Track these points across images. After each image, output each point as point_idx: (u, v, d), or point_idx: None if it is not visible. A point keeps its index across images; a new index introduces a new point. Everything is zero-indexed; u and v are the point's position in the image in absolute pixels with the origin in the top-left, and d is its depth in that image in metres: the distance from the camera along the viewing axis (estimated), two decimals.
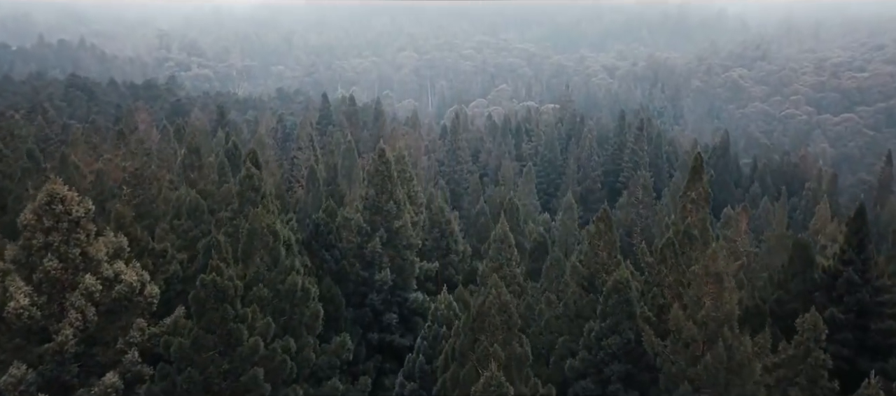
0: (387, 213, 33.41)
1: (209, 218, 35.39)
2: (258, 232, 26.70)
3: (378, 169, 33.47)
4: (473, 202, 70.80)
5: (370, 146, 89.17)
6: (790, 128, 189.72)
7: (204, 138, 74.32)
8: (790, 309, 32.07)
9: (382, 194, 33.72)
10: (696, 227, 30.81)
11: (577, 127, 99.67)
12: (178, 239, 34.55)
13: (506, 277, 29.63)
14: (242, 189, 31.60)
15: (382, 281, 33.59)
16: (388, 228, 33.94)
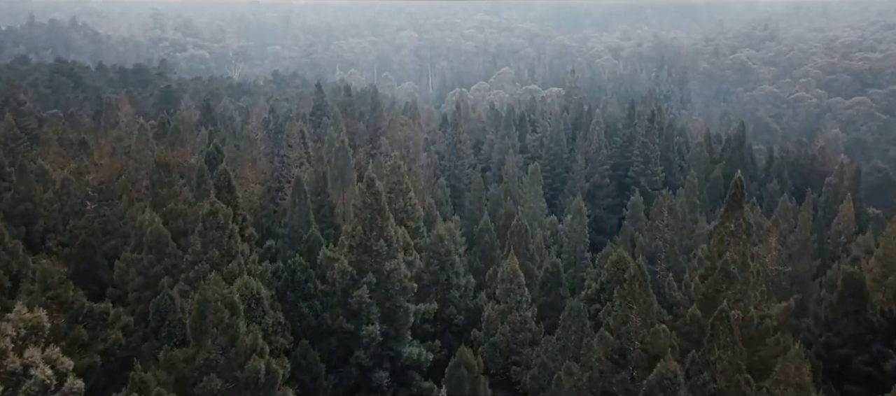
0: (376, 254, 28.93)
1: (174, 251, 31.12)
2: (211, 307, 22.28)
3: (366, 201, 29.01)
4: (475, 202, 66.53)
5: (366, 139, 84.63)
6: (800, 111, 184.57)
7: (189, 134, 69.86)
8: (842, 355, 27.99)
9: (371, 231, 29.12)
10: (736, 264, 26.53)
11: (585, 118, 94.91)
12: (138, 276, 30.39)
13: (515, 323, 25.49)
14: (206, 227, 27.26)
15: (370, 336, 29.15)
16: (378, 271, 29.45)
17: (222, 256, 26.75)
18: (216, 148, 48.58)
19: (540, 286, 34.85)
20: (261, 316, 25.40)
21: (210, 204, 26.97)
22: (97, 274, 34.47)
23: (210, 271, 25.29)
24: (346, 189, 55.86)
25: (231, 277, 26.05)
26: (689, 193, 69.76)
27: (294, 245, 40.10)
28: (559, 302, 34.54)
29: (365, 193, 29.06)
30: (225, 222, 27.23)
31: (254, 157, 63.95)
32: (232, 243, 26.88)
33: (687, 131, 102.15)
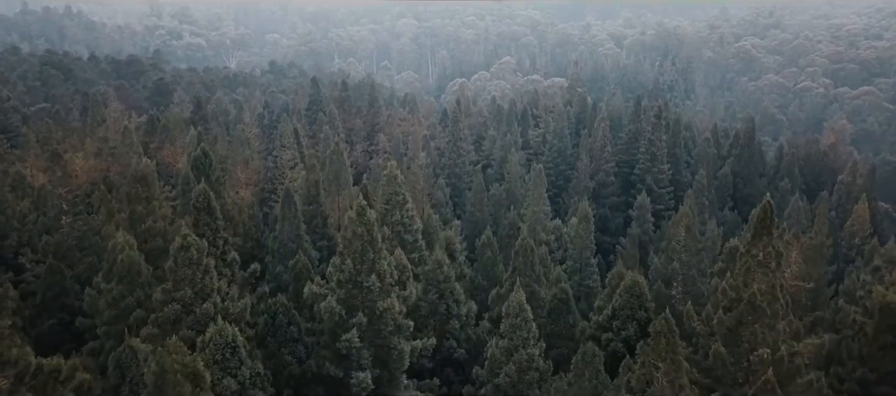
0: (368, 291, 26.19)
1: (148, 279, 28.56)
2: (170, 381, 19.49)
3: (356, 232, 26.32)
4: (476, 204, 64.03)
5: (363, 136, 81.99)
6: (806, 102, 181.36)
7: (179, 133, 67.23)
8: (880, 394, 25.56)
9: (362, 265, 26.28)
10: (764, 296, 24.04)
11: (589, 114, 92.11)
12: (107, 309, 27.89)
13: (521, 363, 23.09)
14: (177, 263, 24.65)
15: (361, 384, 26.40)
16: (370, 310, 26.72)
17: (195, 295, 24.21)
18: (204, 152, 45.94)
19: (548, 313, 32.44)
20: (236, 367, 22.90)
21: (182, 238, 24.37)
22: (67, 301, 31.99)
23: (181, 314, 22.76)
24: (341, 192, 53.38)
25: (205, 320, 23.55)
26: (697, 194, 67.25)
27: (284, 260, 37.65)
28: (568, 331, 32.14)
29: (355, 223, 26.40)
30: (199, 257, 24.66)
31: (246, 158, 61.35)
32: (207, 280, 24.33)
33: (693, 126, 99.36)
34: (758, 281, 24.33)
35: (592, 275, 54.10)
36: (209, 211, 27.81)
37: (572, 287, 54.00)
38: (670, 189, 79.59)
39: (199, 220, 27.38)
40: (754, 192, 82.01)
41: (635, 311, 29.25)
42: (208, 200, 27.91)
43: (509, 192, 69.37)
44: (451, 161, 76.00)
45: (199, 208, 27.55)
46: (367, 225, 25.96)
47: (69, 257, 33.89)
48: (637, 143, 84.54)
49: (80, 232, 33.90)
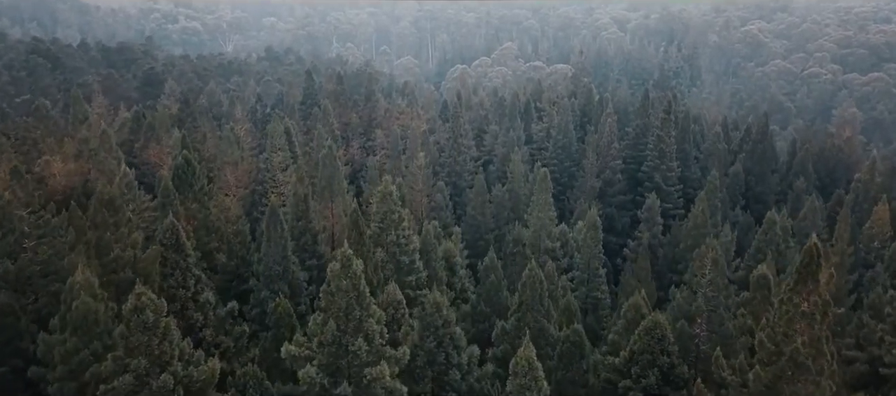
0: (354, 356, 22.86)
1: (108, 327, 25.39)
2: None
3: (340, 286, 23.00)
4: (478, 207, 60.94)
5: (360, 132, 78.67)
6: (814, 88, 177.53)
7: (165, 133, 63.94)
8: None
9: (347, 324, 22.79)
10: (809, 352, 21.04)
11: (595, 108, 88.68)
12: (60, 363, 24.88)
13: None
14: (130, 329, 21.38)
15: None
16: (356, 379, 23.35)
17: (152, 365, 21.10)
18: (186, 161, 42.75)
19: (558, 357, 29.47)
20: None
21: (136, 298, 21.12)
22: (21, 346, 28.85)
23: (135, 387, 19.75)
24: (334, 199, 50.27)
25: (162, 395, 20.60)
26: (710, 195, 64.06)
27: (269, 283, 34.68)
28: (581, 377, 29.21)
29: (339, 276, 23.11)
30: (156, 320, 21.52)
31: (235, 160, 58.16)
32: (165, 346, 21.25)
33: (702, 119, 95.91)
34: (801, 332, 21.35)
35: (601, 286, 51.27)
36: (178, 249, 24.81)
37: (579, 298, 51.22)
38: (679, 187, 76.45)
39: (168, 259, 24.40)
40: (767, 190, 78.91)
41: (657, 357, 26.35)
42: (176, 236, 24.90)
43: (512, 193, 66.24)
44: (451, 159, 72.77)
45: (168, 244, 24.55)
46: (352, 279, 22.77)
47: (32, 285, 30.81)
48: (644, 139, 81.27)
49: (45, 257, 30.86)
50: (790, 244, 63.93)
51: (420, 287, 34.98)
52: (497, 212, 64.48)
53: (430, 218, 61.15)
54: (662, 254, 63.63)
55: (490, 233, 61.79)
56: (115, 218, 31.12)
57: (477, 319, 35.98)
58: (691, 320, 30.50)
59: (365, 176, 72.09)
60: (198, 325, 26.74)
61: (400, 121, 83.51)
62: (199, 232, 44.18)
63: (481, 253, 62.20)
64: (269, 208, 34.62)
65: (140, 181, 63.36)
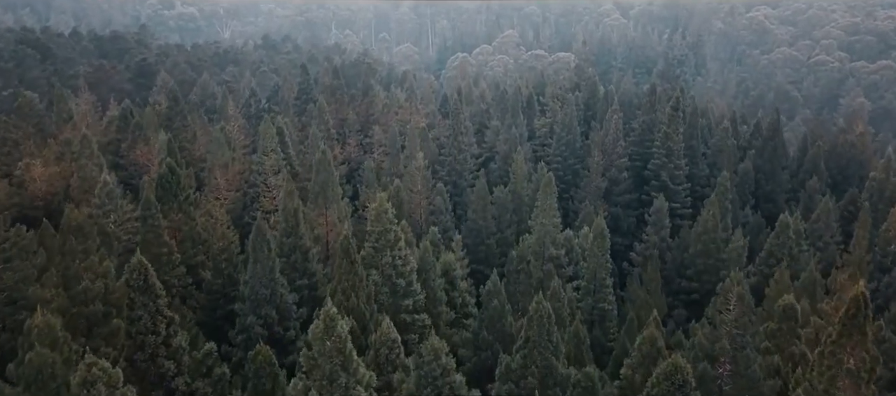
0: None
1: (65, 380, 22.67)
2: None
3: (323, 350, 20.28)
4: (479, 211, 58.56)
5: (356, 128, 76.05)
6: (821, 77, 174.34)
7: (154, 132, 61.39)
8: None
9: (332, 392, 20.05)
10: None
11: (600, 103, 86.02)
12: None
13: None
14: None
15: None
16: None
17: None
18: (170, 170, 40.31)
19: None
20: None
21: (86, 370, 18.63)
22: None
23: None
24: (329, 206, 47.92)
25: None
26: (720, 197, 61.61)
27: (256, 308, 32.42)
28: None
29: (321, 339, 20.60)
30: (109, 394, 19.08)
31: (225, 162, 55.69)
32: None
33: (710, 112, 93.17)
34: (844, 390, 19.05)
35: (608, 297, 49.02)
36: (146, 290, 22.52)
37: (585, 309, 49.01)
38: (687, 185, 73.99)
39: (136, 302, 22.12)
40: (777, 189, 76.45)
41: None
42: (145, 276, 22.59)
43: (514, 194, 63.84)
44: (451, 157, 70.23)
45: (135, 285, 22.24)
46: (337, 342, 20.33)
47: None
48: (651, 135, 78.63)
49: (11, 284, 28.56)
50: (803, 247, 61.67)
51: (418, 310, 32.75)
52: (499, 214, 62.14)
53: (430, 222, 58.84)
54: (671, 258, 61.34)
55: (492, 238, 59.51)
56: (85, 246, 28.66)
57: (479, 346, 33.79)
58: (714, 360, 28.25)
59: (362, 176, 69.73)
60: (169, 374, 24.54)
61: (398, 116, 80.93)
62: (184, 245, 41.89)
63: (482, 258, 60.20)
64: (256, 227, 32.29)
65: (127, 183, 61.16)
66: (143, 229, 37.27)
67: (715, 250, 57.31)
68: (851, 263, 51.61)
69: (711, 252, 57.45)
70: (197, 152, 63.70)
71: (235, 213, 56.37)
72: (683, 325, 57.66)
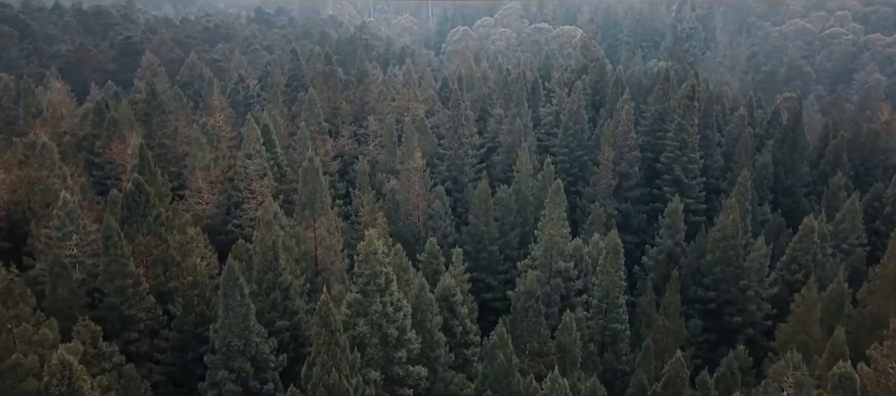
0: None
1: None
2: None
3: None
4: (481, 216, 54.41)
5: (350, 119, 71.47)
6: (835, 50, 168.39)
7: (129, 128, 56.89)
8: None
9: None
10: None
11: (608, 86, 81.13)
12: None
13: None
14: None
15: None
16: None
17: None
18: (138, 187, 36.06)
19: None
20: None
21: None
22: None
23: None
24: (317, 219, 43.79)
25: None
26: (740, 196, 57.33)
27: (228, 360, 28.52)
28: None
29: None
30: None
31: (207, 164, 51.37)
32: None
33: (724, 98, 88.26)
34: None
35: (621, 318, 45.17)
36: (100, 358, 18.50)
37: (596, 330, 45.24)
38: (701, 179, 69.68)
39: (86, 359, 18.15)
40: (797, 183, 72.05)
41: None
42: (69, 380, 18.62)
43: (519, 194, 59.65)
44: (451, 151, 65.78)
45: None
46: None
47: None
48: (663, 125, 74.03)
49: None
50: (827, 250, 57.66)
51: (412, 361, 28.92)
52: (502, 216, 57.97)
53: (428, 227, 54.78)
54: (685, 263, 57.31)
55: (494, 243, 55.46)
56: (16, 311, 24.58)
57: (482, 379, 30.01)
58: None
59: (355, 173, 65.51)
60: None
61: (396, 103, 76.32)
62: (155, 269, 37.87)
63: (484, 265, 56.26)
64: (227, 269, 28.20)
65: (103, 183, 56.97)
66: (104, 259, 33.24)
67: (734, 258, 53.25)
68: (883, 277, 47.67)
69: (731, 260, 53.37)
70: (179, 148, 59.31)
71: (218, 220, 52.36)
72: (699, 338, 54.13)
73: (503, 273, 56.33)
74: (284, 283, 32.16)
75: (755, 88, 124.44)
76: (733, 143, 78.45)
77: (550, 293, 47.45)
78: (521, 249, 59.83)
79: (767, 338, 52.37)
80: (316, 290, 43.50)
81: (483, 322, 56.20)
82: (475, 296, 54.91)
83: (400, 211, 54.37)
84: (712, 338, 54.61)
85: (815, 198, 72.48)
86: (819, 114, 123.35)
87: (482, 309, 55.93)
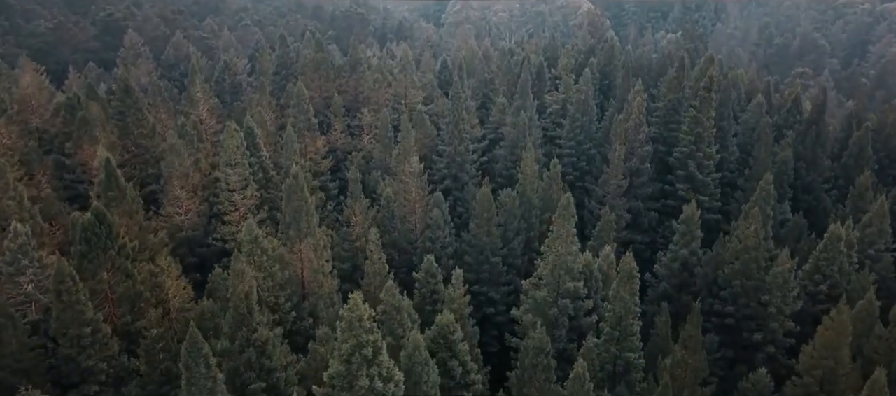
0: None
1: None
2: None
3: None
4: (483, 225, 50.40)
5: (343, 111, 66.87)
6: (850, 21, 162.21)
7: (101, 128, 52.51)
8: None
9: None
10: None
11: (620, 74, 76.30)
12: None
13: None
14: None
15: None
16: None
17: None
18: (98, 218, 32.01)
19: None
20: None
21: None
22: None
23: None
24: (303, 239, 39.88)
25: None
26: (762, 201, 53.19)
27: None
28: None
29: None
30: None
31: (185, 171, 47.21)
32: None
33: (740, 82, 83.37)
34: None
35: (635, 346, 41.49)
36: None
37: (607, 360, 41.68)
38: (717, 175, 65.51)
39: None
40: (818, 179, 67.79)
41: None
42: None
43: (523, 197, 55.61)
44: (451, 148, 61.44)
45: None
46: None
47: None
48: (677, 115, 69.55)
49: None
50: (853, 257, 53.76)
51: None
52: (505, 221, 53.97)
53: (426, 237, 50.81)
54: (701, 273, 53.51)
55: (497, 254, 51.59)
56: None
57: None
58: None
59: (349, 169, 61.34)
60: None
61: (392, 89, 71.74)
62: (121, 307, 34.07)
63: (486, 278, 52.46)
64: (188, 338, 24.33)
65: (74, 187, 52.85)
66: (57, 306, 29.38)
67: (755, 270, 49.45)
68: None
69: (751, 273, 49.60)
70: (158, 147, 55.01)
71: (199, 231, 48.45)
72: (715, 355, 50.61)
73: (506, 284, 52.62)
74: (260, 339, 28.36)
75: (768, 62, 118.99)
76: (750, 133, 74.09)
77: (558, 315, 43.76)
78: (525, 255, 56.05)
79: (789, 356, 48.94)
80: (302, 318, 39.92)
81: (484, 336, 52.76)
82: (476, 310, 51.37)
83: (395, 220, 50.38)
84: (729, 354, 51.19)
85: (837, 193, 68.39)
86: (834, 91, 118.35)
87: (483, 323, 52.37)
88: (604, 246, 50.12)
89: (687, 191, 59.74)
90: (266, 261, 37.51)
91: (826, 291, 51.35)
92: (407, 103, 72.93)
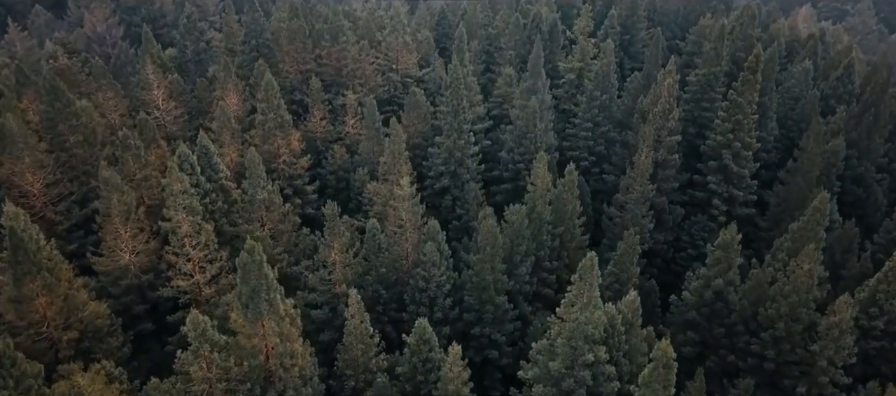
0: None
1: None
2: None
3: None
4: (485, 261, 42.67)
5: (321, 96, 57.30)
6: None
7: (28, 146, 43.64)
8: None
9: None
10: None
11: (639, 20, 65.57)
12: None
13: None
14: None
15: None
16: None
17: None
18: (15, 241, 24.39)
19: None
20: None
21: None
22: None
23: None
24: (264, 318, 32.49)
25: None
26: (814, 233, 45.08)
27: None
28: None
29: None
30: None
31: (127, 209, 39.05)
32: None
33: (780, 35, 72.60)
34: None
35: None
36: None
37: None
38: (754, 166, 57.08)
39: None
40: (870, 168, 59.07)
41: None
42: None
43: (533, 215, 47.54)
44: (450, 140, 52.50)
45: None
46: None
47: None
48: (711, 93, 60.16)
49: None
50: None
51: None
52: (512, 241, 46.15)
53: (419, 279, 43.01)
54: (739, 305, 46.26)
55: (502, 293, 44.24)
56: None
57: None
58: None
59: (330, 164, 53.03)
60: None
61: (383, 58, 62.00)
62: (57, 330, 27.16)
63: (488, 320, 45.10)
64: None
65: None
66: None
67: (805, 316, 42.24)
68: None
69: (801, 317, 42.41)
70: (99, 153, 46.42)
71: (150, 276, 40.91)
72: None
73: (512, 319, 45.56)
74: None
75: None
76: (792, 103, 64.81)
77: (574, 387, 36.99)
78: (534, 276, 48.67)
79: None
80: None
81: (486, 380, 46.35)
82: (476, 353, 44.67)
83: (383, 255, 42.68)
84: None
85: (889, 180, 60.07)
86: None
87: (484, 365, 45.85)
88: (627, 287, 42.63)
89: (722, 213, 51.60)
90: (218, 357, 30.50)
91: (882, 327, 44.45)
92: (399, 69, 63.34)
